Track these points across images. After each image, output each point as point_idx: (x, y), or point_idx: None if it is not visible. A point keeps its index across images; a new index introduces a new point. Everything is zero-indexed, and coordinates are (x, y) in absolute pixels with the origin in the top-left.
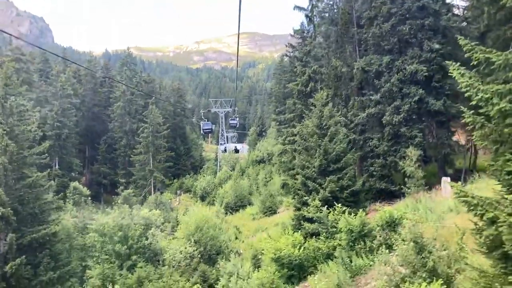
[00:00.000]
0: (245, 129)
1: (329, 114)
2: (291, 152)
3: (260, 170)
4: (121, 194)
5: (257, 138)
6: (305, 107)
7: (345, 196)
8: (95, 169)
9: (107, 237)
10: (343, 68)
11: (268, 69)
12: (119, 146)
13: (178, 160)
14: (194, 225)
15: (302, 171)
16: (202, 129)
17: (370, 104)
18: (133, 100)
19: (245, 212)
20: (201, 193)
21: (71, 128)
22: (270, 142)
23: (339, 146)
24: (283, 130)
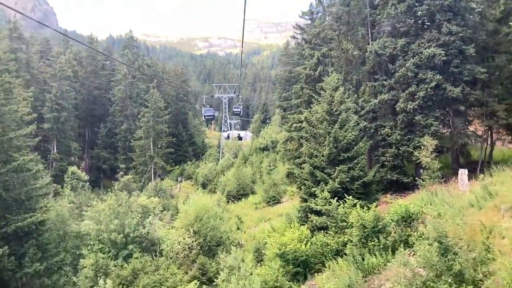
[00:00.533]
0: (249, 116)
1: (340, 99)
2: (297, 140)
3: (263, 158)
4: (120, 180)
5: (261, 125)
6: (314, 92)
7: (355, 188)
8: (95, 153)
9: (102, 225)
10: (355, 52)
11: (273, 56)
12: (119, 130)
13: (180, 146)
14: (193, 215)
15: (309, 159)
16: (203, 116)
17: (382, 90)
18: (135, 84)
19: (248, 201)
20: (203, 181)
21: (70, 111)
22: (275, 130)
23: (350, 133)
24: (289, 116)
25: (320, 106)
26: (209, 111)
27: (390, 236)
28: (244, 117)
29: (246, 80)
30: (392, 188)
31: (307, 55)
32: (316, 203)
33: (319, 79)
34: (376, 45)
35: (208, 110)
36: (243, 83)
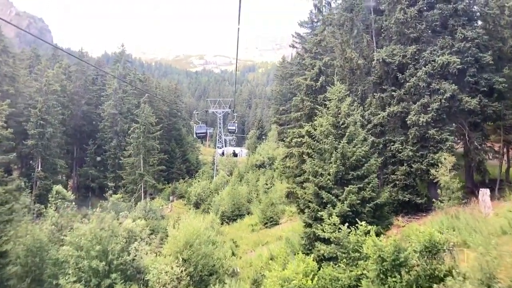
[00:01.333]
0: (244, 133)
1: (347, 111)
2: (298, 156)
3: (260, 175)
4: (109, 199)
5: (256, 141)
6: (315, 104)
7: (367, 211)
8: (83, 171)
9: (83, 251)
10: (359, 60)
11: (268, 73)
12: (109, 147)
13: (173, 163)
14: (183, 241)
15: (314, 178)
16: (195, 133)
17: (391, 101)
18: (126, 99)
19: (243, 222)
20: (195, 200)
21: (56, 127)
22: (271, 146)
23: (360, 149)
24: (289, 130)
25: (325, 119)
26: (201, 128)
27: (413, 270)
28: (240, 133)
29: (242, 96)
30: (403, 209)
31: (308, 64)
32: (323, 229)
33: (321, 90)
34: (383, 52)
35: (200, 127)
36: (238, 100)
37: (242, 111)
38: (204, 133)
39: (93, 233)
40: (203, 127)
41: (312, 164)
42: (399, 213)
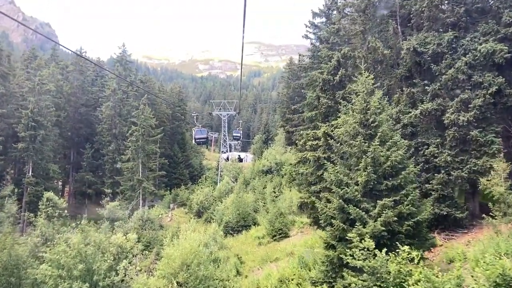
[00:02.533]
0: (249, 138)
1: (378, 106)
2: (313, 161)
3: (267, 182)
4: (105, 206)
5: (263, 146)
6: (333, 102)
7: (405, 230)
8: (80, 176)
9: (64, 270)
10: (385, 50)
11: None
12: (106, 151)
13: (175, 168)
14: (179, 261)
15: (338, 189)
16: (194, 138)
17: (424, 97)
18: (125, 101)
19: (249, 234)
20: (197, 208)
21: (49, 130)
22: (279, 150)
23: (396, 152)
24: (302, 132)
25: (351, 116)
26: (202, 133)
27: None
28: (245, 138)
29: (247, 101)
30: (439, 225)
31: (324, 56)
32: (353, 254)
33: (339, 85)
34: (414, 41)
35: (201, 131)
36: (244, 104)
37: (247, 116)
38: (205, 139)
39: (76, 249)
40: (203, 132)
41: (335, 172)
42: (434, 229)
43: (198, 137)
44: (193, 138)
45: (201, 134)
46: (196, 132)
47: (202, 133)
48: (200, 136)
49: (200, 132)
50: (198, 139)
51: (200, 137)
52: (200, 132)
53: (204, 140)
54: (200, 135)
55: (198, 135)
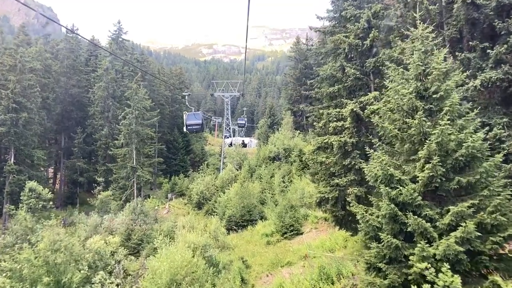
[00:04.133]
0: (254, 122)
1: (444, 68)
2: (338, 148)
3: (274, 170)
4: (97, 196)
5: (268, 130)
6: (362, 74)
7: (490, 249)
8: (71, 163)
9: (26, 283)
10: (430, 6)
11: (278, 62)
12: (99, 136)
13: (176, 154)
14: (166, 277)
15: (388, 189)
16: (185, 125)
17: (483, 64)
18: (120, 81)
19: (256, 230)
20: (198, 199)
21: (34, 112)
22: (287, 135)
23: (471, 137)
24: (321, 112)
25: (401, 85)
26: (195, 118)
27: None
28: (249, 123)
29: (251, 85)
30: None
31: (350, 17)
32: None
33: (370, 52)
34: None
35: (194, 116)
36: (248, 89)
37: (251, 100)
38: (199, 125)
39: (41, 256)
40: (197, 116)
41: (382, 163)
42: None
43: (190, 123)
44: (184, 124)
45: (195, 119)
46: (188, 116)
47: (196, 117)
48: (194, 122)
49: (194, 116)
50: (191, 125)
51: (193, 123)
52: (194, 117)
53: (198, 127)
54: (193, 121)
55: (190, 121)
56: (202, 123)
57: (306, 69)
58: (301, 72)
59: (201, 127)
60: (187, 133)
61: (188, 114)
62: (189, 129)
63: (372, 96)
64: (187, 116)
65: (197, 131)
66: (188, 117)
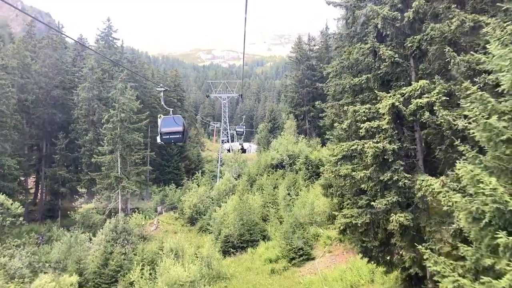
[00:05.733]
0: (253, 127)
1: None
2: (374, 157)
3: (278, 179)
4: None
5: (268, 135)
6: (401, 58)
7: None
8: (52, 172)
9: None
10: None
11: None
12: (83, 142)
13: (169, 161)
14: None
15: None
16: (159, 134)
17: None
18: (107, 81)
19: (257, 253)
20: (190, 214)
21: (5, 115)
22: (290, 140)
23: None
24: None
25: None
26: (174, 123)
27: None
28: (248, 127)
29: (250, 90)
30: None
31: None
32: None
33: (412, 28)
34: None
35: (172, 121)
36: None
37: (250, 104)
38: (180, 134)
39: None
40: (178, 121)
41: (492, 190)
42: None
43: (167, 130)
44: (159, 133)
45: (174, 126)
46: (163, 121)
47: (176, 122)
48: (171, 130)
49: (172, 121)
50: (167, 134)
51: (170, 130)
52: (172, 122)
53: (178, 137)
54: (170, 127)
55: (167, 127)
56: (183, 131)
57: (309, 70)
58: (303, 73)
59: (182, 137)
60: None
61: (164, 118)
62: (164, 139)
63: (419, 85)
64: (162, 120)
65: (176, 141)
66: (163, 122)
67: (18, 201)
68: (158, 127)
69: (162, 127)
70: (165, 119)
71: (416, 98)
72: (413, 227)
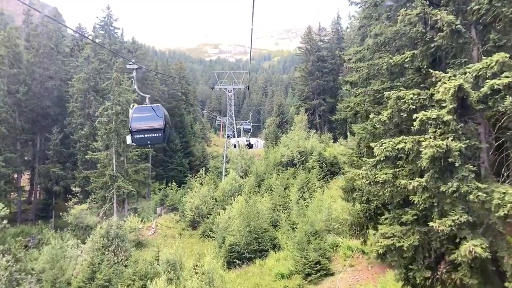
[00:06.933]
0: (260, 122)
1: None
2: (432, 160)
3: (289, 178)
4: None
5: (277, 130)
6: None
7: None
8: (45, 169)
9: None
10: None
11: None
12: (78, 137)
13: (172, 157)
14: None
15: None
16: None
17: None
18: (104, 72)
19: (266, 266)
20: (192, 216)
21: None
22: (301, 135)
23: None
24: (388, 94)
25: None
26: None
27: None
28: (255, 122)
29: (257, 84)
30: None
31: None
32: None
33: None
34: None
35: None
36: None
37: (257, 99)
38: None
39: None
40: (157, 112)
41: None
42: None
43: (139, 126)
44: (130, 132)
45: (149, 120)
46: (135, 113)
47: (156, 115)
48: (146, 126)
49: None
50: (140, 132)
51: (145, 127)
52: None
53: (157, 136)
54: (144, 122)
55: (139, 122)
56: (165, 128)
57: (319, 62)
58: (313, 65)
59: (162, 135)
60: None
61: (137, 108)
62: (137, 140)
63: (494, 61)
64: (134, 111)
65: (153, 142)
66: (135, 114)
67: (8, 201)
68: (129, 121)
69: (134, 121)
70: (138, 109)
71: (490, 79)
72: (491, 259)
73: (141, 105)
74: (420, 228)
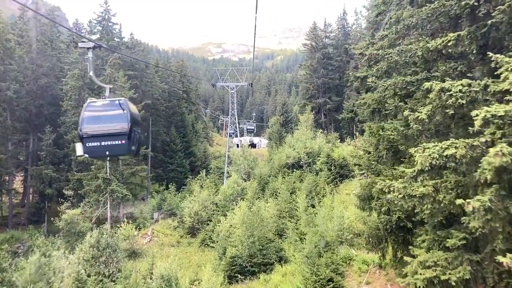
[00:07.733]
0: (263, 121)
1: None
2: (498, 172)
3: (295, 182)
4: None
5: (281, 129)
6: None
7: None
8: (37, 171)
9: None
10: None
11: (288, 60)
12: (72, 136)
13: (173, 158)
14: None
15: None
16: (79, 135)
17: None
18: (100, 68)
19: (272, 282)
20: (191, 223)
21: None
22: (308, 135)
23: None
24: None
25: None
26: (108, 115)
27: None
28: (258, 121)
29: (260, 83)
30: None
31: None
32: None
33: None
34: None
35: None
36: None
37: (260, 98)
38: (124, 137)
39: None
40: (120, 110)
41: None
42: None
43: (93, 131)
44: (79, 134)
45: (107, 122)
46: (86, 111)
47: (110, 118)
48: (101, 131)
49: (110, 111)
50: (95, 138)
51: (101, 131)
52: (109, 113)
53: (120, 144)
54: (99, 125)
55: (93, 125)
56: (129, 133)
57: (324, 59)
58: (319, 62)
59: (127, 143)
60: (86, 157)
61: (90, 104)
62: (89, 149)
63: None
64: (86, 108)
65: (113, 154)
66: (87, 111)
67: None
68: (79, 122)
69: (86, 122)
70: (92, 106)
71: None
72: None
73: (99, 99)
74: (470, 257)
